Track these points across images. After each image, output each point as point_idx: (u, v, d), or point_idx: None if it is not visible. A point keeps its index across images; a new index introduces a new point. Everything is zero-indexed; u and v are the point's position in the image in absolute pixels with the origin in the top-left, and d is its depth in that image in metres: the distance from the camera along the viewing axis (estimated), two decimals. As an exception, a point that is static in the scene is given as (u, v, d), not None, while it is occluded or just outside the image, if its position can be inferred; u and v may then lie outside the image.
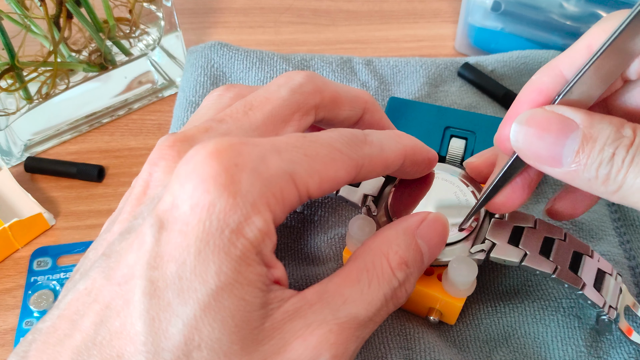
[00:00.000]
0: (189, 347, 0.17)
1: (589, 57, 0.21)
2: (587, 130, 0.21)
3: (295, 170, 0.19)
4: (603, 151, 0.20)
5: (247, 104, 0.24)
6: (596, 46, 0.21)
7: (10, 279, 0.34)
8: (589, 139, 0.20)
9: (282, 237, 0.32)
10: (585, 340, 0.27)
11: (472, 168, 0.28)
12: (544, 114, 0.22)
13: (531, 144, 0.22)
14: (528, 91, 0.23)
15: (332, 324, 0.19)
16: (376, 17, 0.52)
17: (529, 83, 0.24)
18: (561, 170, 0.21)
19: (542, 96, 0.23)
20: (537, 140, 0.21)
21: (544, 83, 0.23)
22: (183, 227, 0.18)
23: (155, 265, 0.18)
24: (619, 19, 0.21)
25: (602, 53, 0.21)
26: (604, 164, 0.20)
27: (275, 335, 0.19)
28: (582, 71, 0.21)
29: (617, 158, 0.20)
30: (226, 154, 0.18)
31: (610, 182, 0.20)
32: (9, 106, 0.39)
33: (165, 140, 0.22)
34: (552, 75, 0.23)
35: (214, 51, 0.40)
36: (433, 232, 0.24)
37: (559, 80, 0.23)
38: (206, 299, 0.17)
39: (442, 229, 0.24)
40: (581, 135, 0.21)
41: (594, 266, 0.26)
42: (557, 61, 0.23)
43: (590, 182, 0.21)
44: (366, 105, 0.27)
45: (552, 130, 0.21)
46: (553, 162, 0.21)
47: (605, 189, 0.21)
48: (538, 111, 0.22)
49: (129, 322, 0.18)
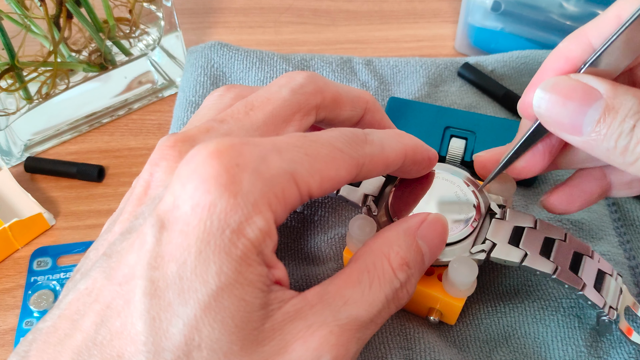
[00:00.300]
0: (189, 347, 0.17)
1: (618, 26, 0.21)
2: (610, 101, 0.21)
3: (297, 170, 0.19)
4: (624, 122, 0.20)
5: (248, 104, 0.24)
6: (625, 16, 0.21)
7: (10, 279, 0.34)
8: (610, 110, 0.21)
9: (282, 237, 0.32)
10: (586, 340, 0.27)
11: (479, 162, 0.28)
12: (569, 82, 0.22)
13: (553, 111, 0.22)
14: (555, 58, 0.23)
15: (333, 325, 0.19)
16: (376, 17, 0.52)
17: (556, 50, 0.24)
18: (581, 139, 0.21)
19: (568, 64, 0.23)
20: (560, 107, 0.22)
21: (571, 51, 0.23)
22: (184, 227, 0.18)
23: (156, 265, 0.18)
24: None
25: (631, 23, 0.20)
26: (623, 135, 0.20)
27: (275, 336, 0.19)
28: (610, 41, 0.21)
29: (637, 130, 0.20)
30: (227, 154, 0.18)
31: (629, 153, 0.21)
32: (9, 106, 0.39)
33: (166, 140, 0.22)
34: (579, 43, 0.23)
35: (214, 51, 0.40)
36: (433, 232, 0.24)
37: (586, 48, 0.23)
38: (206, 299, 0.17)
39: (442, 230, 0.24)
40: (604, 105, 0.21)
41: (595, 267, 0.26)
42: (585, 29, 0.23)
43: (608, 152, 0.21)
44: (367, 106, 0.27)
45: (575, 98, 0.21)
46: (574, 130, 0.21)
47: (622, 160, 0.21)
48: (563, 79, 0.22)
49: (130, 322, 0.18)
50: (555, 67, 0.23)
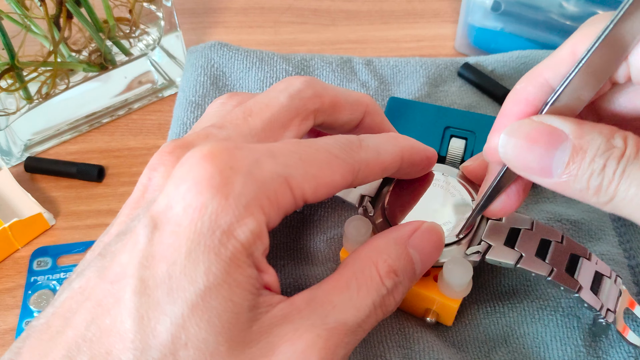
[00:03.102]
0: (175, 345, 0.17)
1: (574, 63, 0.21)
2: (577, 141, 0.20)
3: (291, 174, 0.19)
4: (594, 162, 0.20)
5: (246, 110, 0.24)
6: (580, 52, 0.20)
7: (10, 279, 0.34)
8: (579, 150, 0.20)
9: (282, 237, 0.32)
10: (584, 340, 0.27)
11: (469, 172, 0.28)
12: (532, 125, 0.21)
13: (520, 156, 0.21)
14: (514, 101, 0.23)
15: (321, 329, 0.19)
16: (376, 17, 0.52)
17: (514, 92, 0.23)
18: (552, 181, 0.21)
19: (528, 106, 0.22)
20: (526, 152, 0.21)
21: (530, 92, 0.22)
22: (175, 227, 0.18)
23: (147, 264, 0.18)
24: (601, 23, 0.20)
25: (587, 59, 0.20)
26: (594, 176, 0.20)
27: (262, 339, 0.19)
28: (568, 79, 0.21)
29: (608, 170, 0.20)
30: (221, 157, 0.18)
31: (602, 193, 0.20)
32: (9, 106, 0.39)
33: (165, 146, 0.23)
34: (536, 84, 0.22)
35: (214, 51, 0.40)
36: (426, 241, 0.24)
37: (544, 89, 0.22)
38: (194, 298, 0.18)
39: (436, 239, 0.24)
40: (571, 146, 0.20)
41: (592, 269, 0.26)
42: (540, 69, 0.22)
43: (582, 192, 0.20)
44: (367, 109, 0.27)
45: (541, 141, 0.21)
46: (543, 173, 0.21)
47: (597, 200, 0.20)
48: (526, 122, 0.21)
49: (119, 319, 0.18)
50: (516, 110, 0.23)
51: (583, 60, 0.20)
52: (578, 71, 0.20)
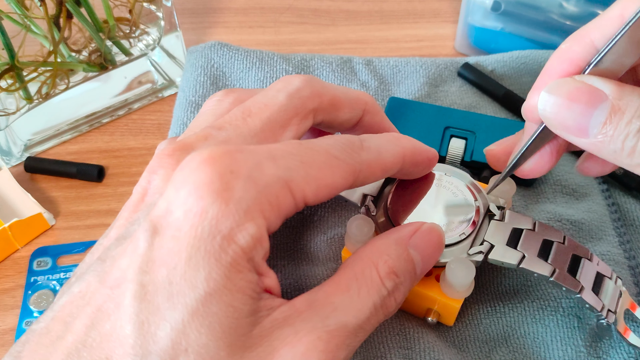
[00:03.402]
0: (176, 351, 0.17)
1: (621, 26, 0.21)
2: (616, 102, 0.20)
3: (292, 177, 0.19)
4: (631, 123, 0.20)
5: (245, 110, 0.24)
6: (628, 15, 0.21)
7: (10, 279, 0.34)
8: (617, 111, 0.20)
9: (282, 237, 0.32)
10: (585, 340, 0.27)
11: (492, 155, 0.28)
12: (573, 84, 0.21)
13: (559, 113, 0.22)
14: (558, 60, 0.23)
15: (322, 331, 0.19)
16: (376, 17, 0.52)
17: (558, 51, 0.23)
18: (587, 141, 0.21)
19: (572, 65, 0.23)
20: (565, 110, 0.21)
21: (575, 52, 0.23)
22: (175, 232, 0.18)
23: (147, 269, 0.18)
24: None
25: (635, 21, 0.20)
26: (630, 137, 0.20)
27: (263, 343, 0.19)
28: (614, 41, 0.21)
29: None
30: (221, 161, 0.18)
31: (636, 154, 0.20)
32: (9, 106, 0.39)
33: (164, 148, 0.22)
34: (582, 44, 0.23)
35: (214, 51, 0.40)
36: (427, 242, 0.24)
37: (589, 49, 0.22)
38: (195, 304, 0.17)
39: (436, 239, 0.24)
40: (610, 106, 0.20)
41: (593, 270, 0.26)
42: (587, 29, 0.23)
43: (615, 153, 0.21)
44: (366, 107, 0.27)
45: (581, 100, 0.21)
46: (580, 132, 0.21)
47: (630, 161, 0.21)
48: (567, 81, 0.22)
49: (119, 325, 0.18)
50: (559, 69, 0.23)
51: (630, 22, 0.20)
52: (623, 34, 0.20)
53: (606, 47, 0.21)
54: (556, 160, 0.25)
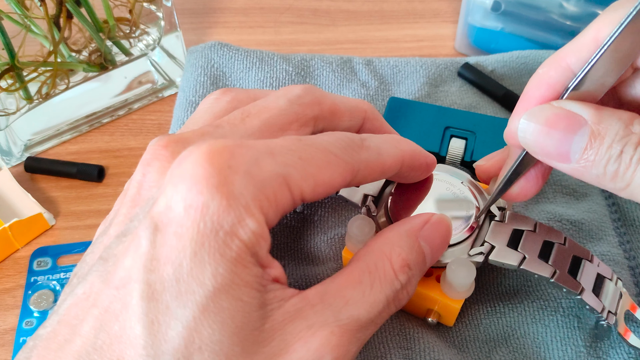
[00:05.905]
0: (189, 349, 0.17)
1: (596, 48, 0.21)
2: (595, 127, 0.20)
3: (289, 174, 0.19)
4: (611, 148, 0.20)
5: (244, 112, 0.24)
6: (603, 37, 0.21)
7: (10, 279, 0.34)
8: (597, 136, 0.20)
9: (282, 237, 0.32)
10: (585, 340, 0.27)
11: (481, 171, 0.28)
12: (552, 110, 0.21)
13: (539, 140, 0.22)
14: (535, 85, 0.23)
15: (334, 326, 0.19)
16: (376, 17, 0.52)
17: (536, 76, 0.23)
18: (569, 166, 0.21)
19: (550, 90, 0.23)
20: (545, 137, 0.21)
21: (552, 77, 0.23)
22: (178, 229, 0.18)
23: (152, 268, 0.18)
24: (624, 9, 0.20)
25: (610, 45, 0.20)
26: (611, 161, 0.20)
27: (276, 337, 0.18)
28: (590, 64, 0.21)
29: (625, 156, 0.20)
30: (219, 156, 0.18)
31: (619, 179, 0.20)
32: (9, 106, 0.39)
33: (158, 140, 0.22)
34: (559, 68, 0.23)
35: (214, 51, 0.40)
36: (436, 233, 0.24)
37: (566, 73, 0.22)
38: (204, 300, 0.17)
39: (445, 231, 0.24)
40: (589, 131, 0.20)
41: (594, 271, 0.26)
42: (563, 53, 0.23)
43: (599, 178, 0.21)
44: (366, 115, 0.27)
45: (559, 126, 0.21)
46: (561, 158, 0.21)
47: (614, 186, 0.21)
48: (545, 107, 0.22)
49: (128, 325, 0.18)
50: (537, 95, 0.23)
51: (605, 45, 0.20)
52: (600, 57, 0.20)
53: (582, 71, 0.21)
54: (542, 183, 0.25)
